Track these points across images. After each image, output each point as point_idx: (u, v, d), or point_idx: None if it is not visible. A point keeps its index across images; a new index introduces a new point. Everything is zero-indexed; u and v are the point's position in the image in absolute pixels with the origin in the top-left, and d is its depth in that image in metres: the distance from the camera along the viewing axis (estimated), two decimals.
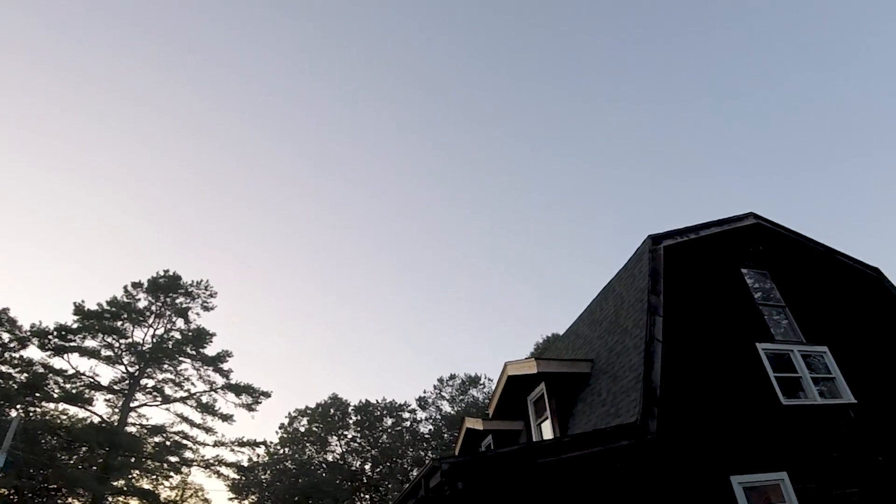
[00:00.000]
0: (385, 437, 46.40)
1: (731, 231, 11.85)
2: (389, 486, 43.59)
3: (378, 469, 45.29)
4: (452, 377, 49.81)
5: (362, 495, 44.42)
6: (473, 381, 49.32)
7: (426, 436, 47.15)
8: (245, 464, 37.98)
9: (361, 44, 67.53)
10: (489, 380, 48.97)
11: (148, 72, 61.34)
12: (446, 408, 48.56)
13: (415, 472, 43.54)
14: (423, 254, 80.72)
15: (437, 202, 77.31)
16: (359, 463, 45.64)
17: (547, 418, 11.10)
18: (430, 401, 49.19)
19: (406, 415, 48.25)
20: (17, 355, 31.73)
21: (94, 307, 33.72)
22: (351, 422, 46.75)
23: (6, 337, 32.02)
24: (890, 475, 8.84)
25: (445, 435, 45.42)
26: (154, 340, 35.16)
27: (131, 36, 59.82)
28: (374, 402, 47.76)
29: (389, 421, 47.57)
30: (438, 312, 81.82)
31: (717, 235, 11.60)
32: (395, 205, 77.06)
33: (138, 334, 35.06)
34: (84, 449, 32.13)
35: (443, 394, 49.43)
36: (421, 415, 48.87)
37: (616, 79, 71.59)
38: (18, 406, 29.57)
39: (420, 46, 68.05)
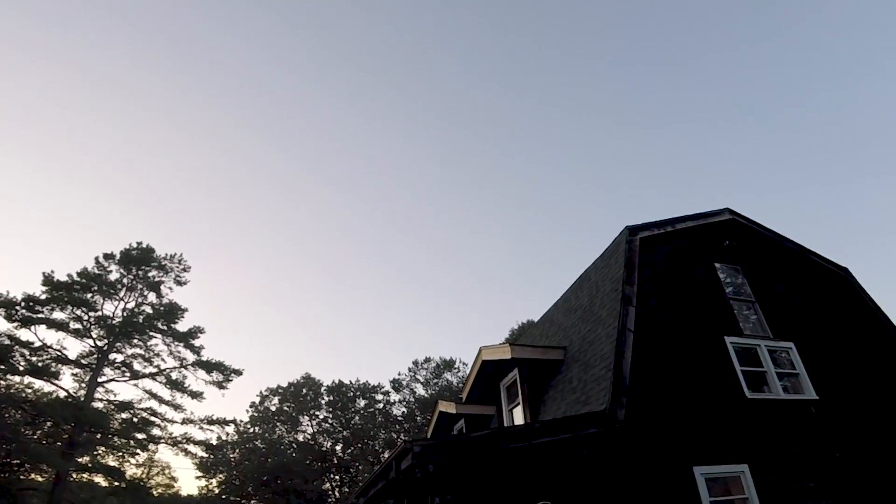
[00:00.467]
0: (357, 418, 46.39)
1: (706, 225, 12.01)
2: (360, 467, 43.73)
3: (349, 450, 45.37)
4: (427, 360, 49.93)
5: (332, 476, 44.51)
6: (448, 364, 49.51)
7: (399, 418, 47.30)
8: (214, 442, 37.68)
9: None
10: (464, 364, 49.29)
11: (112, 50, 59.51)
12: (420, 391, 48.71)
13: (386, 454, 43.74)
14: (400, 237, 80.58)
15: (414, 185, 77.03)
16: (330, 443, 45.61)
17: (519, 404, 11.22)
18: (403, 383, 49.26)
19: (379, 396, 48.26)
20: None
21: (63, 278, 32.86)
22: (323, 402, 46.61)
23: None
24: (846, 471, 9.12)
25: (418, 418, 45.65)
26: (124, 314, 34.40)
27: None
28: (348, 382, 47.62)
29: (362, 402, 47.56)
30: (415, 295, 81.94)
31: (692, 229, 11.76)
32: (369, 187, 76.55)
33: (108, 307, 34.22)
34: (49, 424, 31.45)
35: (417, 377, 49.54)
36: (394, 397, 48.96)
37: (598, 64, 71.73)
38: None
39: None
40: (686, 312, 10.17)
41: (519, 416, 11.18)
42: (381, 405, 47.92)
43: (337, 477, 44.68)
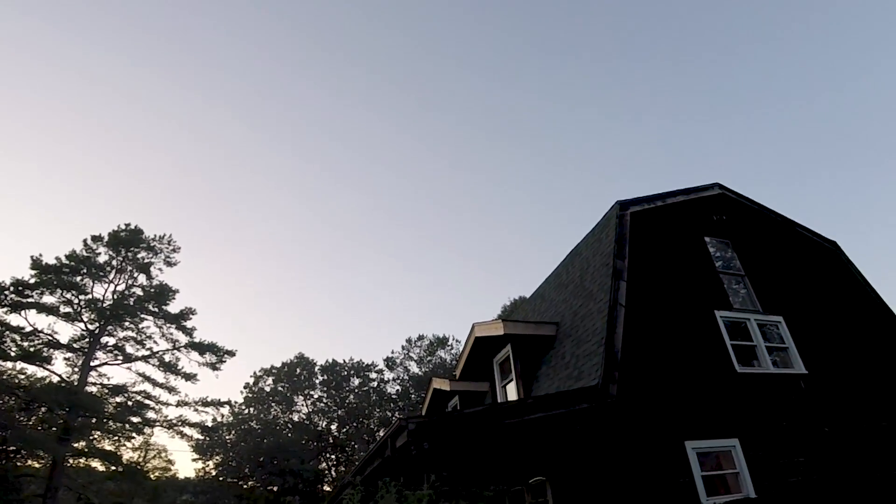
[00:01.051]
0: (352, 397, 46.62)
1: (696, 200, 12.04)
2: (356, 446, 44.11)
3: (344, 429, 45.68)
4: (421, 338, 49.98)
5: (328, 455, 44.87)
6: (441, 342, 49.65)
7: (393, 396, 47.57)
8: (209, 424, 37.77)
9: None
10: (457, 341, 49.45)
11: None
12: (414, 368, 48.91)
13: (381, 433, 44.12)
14: (391, 217, 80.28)
15: (404, 165, 76.53)
16: (325, 423, 45.85)
17: (512, 380, 11.31)
18: (397, 361, 49.39)
19: (373, 375, 48.40)
20: None
21: (52, 261, 32.50)
22: (317, 382, 46.75)
23: None
24: (836, 446, 9.27)
25: (413, 396, 45.98)
26: (115, 296, 34.11)
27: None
28: (341, 361, 47.71)
29: (356, 381, 47.72)
30: (407, 273, 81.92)
31: (683, 204, 11.77)
32: (362, 163, 75.98)
33: (98, 290, 33.87)
34: (43, 409, 31.36)
35: (411, 354, 49.67)
36: (388, 375, 49.11)
37: (588, 39, 71.08)
38: None
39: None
40: (676, 287, 10.22)
41: (512, 392, 11.28)
42: (375, 384, 48.14)
43: (333, 456, 45.06)
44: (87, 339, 33.09)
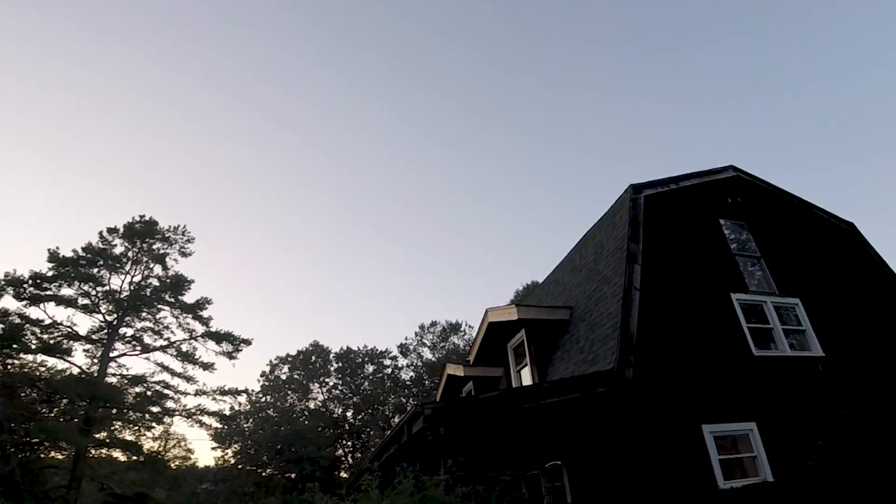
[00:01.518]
0: (366, 384, 47.03)
1: (710, 182, 11.92)
2: (371, 432, 44.53)
3: (360, 416, 46.12)
4: (433, 324, 50.15)
5: (344, 442, 45.38)
6: (454, 328, 49.79)
7: (407, 383, 47.96)
8: (227, 413, 38.36)
9: None
10: (470, 327, 49.54)
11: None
12: (427, 355, 49.18)
13: (396, 419, 44.48)
14: (403, 199, 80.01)
15: (419, 145, 76.16)
16: (340, 410, 46.35)
17: (526, 365, 11.34)
18: (411, 348, 49.66)
19: (387, 362, 48.73)
20: None
21: (69, 254, 33.03)
22: (332, 369, 47.22)
23: None
24: (854, 429, 9.18)
25: (427, 382, 46.30)
26: (132, 288, 34.65)
27: None
28: (356, 349, 48.09)
29: (371, 368, 48.11)
30: (420, 259, 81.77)
31: (697, 186, 11.66)
32: (375, 150, 75.74)
33: (115, 281, 34.39)
34: (65, 401, 31.95)
35: (424, 341, 49.92)
36: (402, 362, 49.37)
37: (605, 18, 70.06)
38: None
39: None
40: (692, 269, 10.14)
41: (527, 377, 11.31)
42: (389, 370, 48.50)
43: (349, 443, 45.56)
44: (105, 331, 33.65)
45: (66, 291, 32.77)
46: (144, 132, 64.17)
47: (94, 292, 33.37)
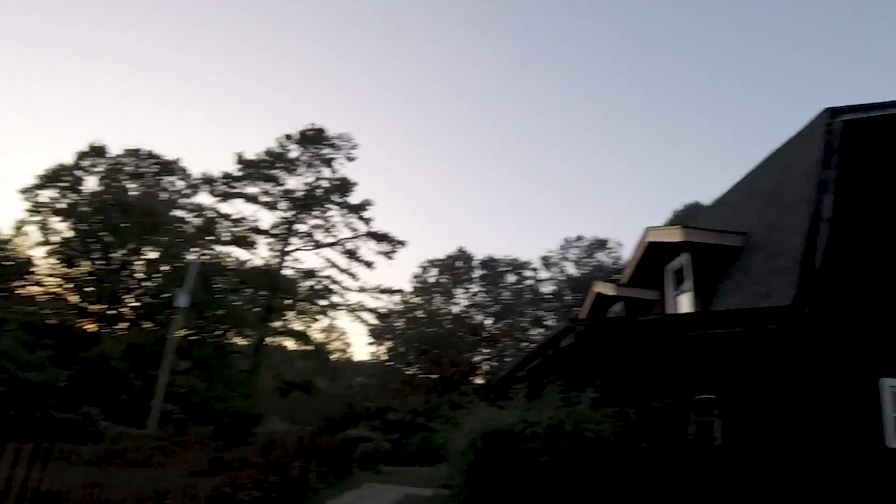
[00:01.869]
0: (507, 293, 47.55)
1: None
2: (508, 342, 45.54)
3: (498, 325, 47.15)
4: (579, 238, 48.28)
5: (482, 349, 46.96)
6: (601, 244, 47.70)
7: (547, 296, 47.67)
8: (383, 311, 41.79)
9: None
10: (618, 244, 47.34)
11: None
12: (570, 269, 48.04)
13: (533, 332, 45.22)
14: (556, 110, 76.12)
15: (581, 59, 71.16)
16: (481, 317, 47.66)
17: (686, 291, 10.63)
18: (553, 261, 48.77)
19: (528, 273, 48.36)
20: (189, 202, 36.39)
21: (252, 157, 37.20)
22: (475, 276, 48.28)
23: (180, 185, 36.62)
24: None
25: (567, 297, 45.52)
26: (305, 188, 38.37)
27: None
28: (499, 258, 48.28)
29: (512, 278, 48.21)
30: (568, 168, 77.92)
31: None
32: (536, 62, 72.07)
33: (291, 182, 38.52)
34: (249, 290, 36.71)
35: (567, 255, 48.55)
36: (543, 274, 48.71)
37: None
38: (193, 249, 34.03)
39: None
40: (891, 208, 8.74)
41: (685, 305, 10.64)
42: (530, 282, 48.41)
43: (487, 350, 47.03)
44: (284, 226, 37.97)
45: (251, 190, 37.28)
46: (318, 48, 67.39)
47: (273, 191, 37.59)
